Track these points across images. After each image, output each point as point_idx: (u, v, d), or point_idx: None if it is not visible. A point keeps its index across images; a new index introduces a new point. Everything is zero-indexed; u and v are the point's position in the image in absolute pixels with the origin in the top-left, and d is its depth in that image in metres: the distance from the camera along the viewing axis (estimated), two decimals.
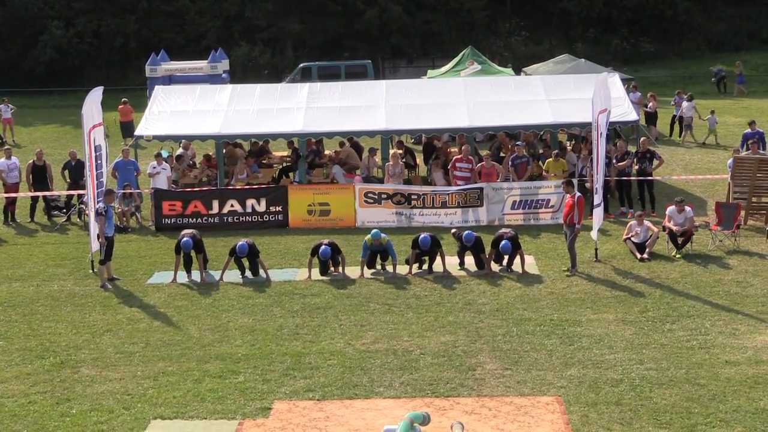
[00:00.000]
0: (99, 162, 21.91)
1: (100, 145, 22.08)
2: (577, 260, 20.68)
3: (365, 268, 20.79)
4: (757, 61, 52.09)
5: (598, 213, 21.65)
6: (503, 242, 20.28)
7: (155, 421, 13.69)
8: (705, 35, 64.66)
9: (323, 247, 20.35)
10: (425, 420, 11.79)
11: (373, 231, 20.59)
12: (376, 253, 20.92)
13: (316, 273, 20.49)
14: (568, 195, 21.07)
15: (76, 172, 26.60)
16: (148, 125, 27.40)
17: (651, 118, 36.22)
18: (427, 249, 20.57)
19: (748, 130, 27.94)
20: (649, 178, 25.63)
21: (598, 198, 21.61)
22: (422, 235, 20.56)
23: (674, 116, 37.37)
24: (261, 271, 20.70)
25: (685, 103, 37.52)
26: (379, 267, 21.13)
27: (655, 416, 13.46)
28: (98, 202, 21.14)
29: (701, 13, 65.41)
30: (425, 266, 20.97)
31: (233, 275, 20.64)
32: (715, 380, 14.61)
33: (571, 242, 20.65)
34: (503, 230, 21.11)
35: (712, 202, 24.67)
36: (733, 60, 52.35)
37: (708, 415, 13.41)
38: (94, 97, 22.06)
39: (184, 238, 20.40)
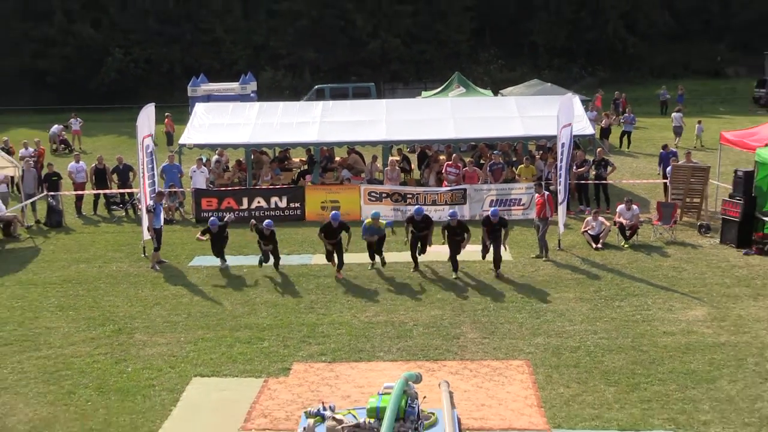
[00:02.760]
0: (150, 165, 21.97)
1: (152, 152, 22.14)
2: (548, 249, 20.87)
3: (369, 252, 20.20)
4: (689, 87, 52.29)
5: (562, 210, 21.77)
6: (492, 210, 20.14)
7: (196, 378, 13.88)
8: (649, 65, 64.95)
9: (333, 212, 20.13)
10: (418, 379, 11.86)
11: (373, 212, 20.40)
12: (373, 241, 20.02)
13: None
14: (538, 195, 21.19)
15: (122, 174, 26.80)
16: (190, 136, 27.43)
17: (605, 132, 36.27)
18: (420, 217, 19.59)
19: (663, 152, 27.80)
20: (604, 181, 25.78)
21: (562, 197, 21.72)
22: (417, 206, 20.58)
23: (623, 131, 37.46)
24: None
25: (674, 114, 38.37)
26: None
27: (606, 376, 13.65)
28: (149, 199, 21.26)
29: (646, 47, 65.78)
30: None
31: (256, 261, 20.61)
32: (654, 347, 14.84)
33: (543, 233, 20.75)
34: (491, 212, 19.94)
35: (654, 202, 24.74)
36: (671, 85, 52.59)
37: (649, 376, 13.65)
38: (148, 112, 22.08)
39: (211, 218, 20.79)
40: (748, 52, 65.34)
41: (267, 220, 20.01)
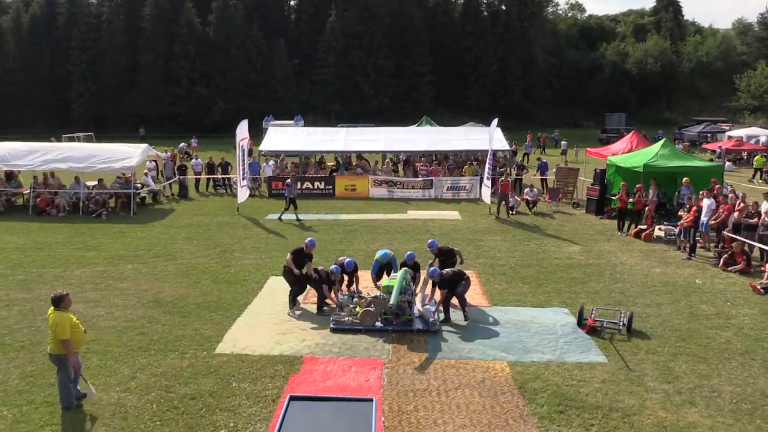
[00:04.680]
0: (243, 159, 21.57)
1: (245, 150, 21.73)
2: (499, 212, 20.48)
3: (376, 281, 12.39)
4: (563, 132, 52.37)
5: (486, 192, 21.47)
6: (429, 241, 12.75)
7: (272, 277, 13.51)
8: (537, 120, 64.62)
9: (348, 260, 12.16)
10: (410, 273, 11.62)
11: (383, 252, 12.54)
12: (383, 267, 12.48)
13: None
14: (503, 179, 21.04)
15: (224, 167, 26.51)
16: (264, 146, 26.96)
17: (514, 153, 35.92)
18: (411, 262, 11.87)
19: (539, 162, 27.31)
20: (520, 177, 25.51)
21: (487, 183, 21.41)
22: (409, 253, 12.24)
23: (524, 153, 37.23)
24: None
25: (563, 142, 39.80)
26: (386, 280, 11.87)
27: (522, 280, 13.41)
28: (244, 180, 20.81)
29: (536, 109, 65.97)
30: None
31: (309, 217, 20.18)
32: (551, 266, 14.60)
33: (507, 201, 20.50)
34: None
35: (546, 188, 24.53)
36: (550, 131, 52.72)
37: (548, 280, 13.44)
38: (243, 125, 21.67)
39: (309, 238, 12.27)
40: (595, 114, 65.87)
41: (309, 238, 12.04)
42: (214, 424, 7.45)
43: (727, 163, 34.45)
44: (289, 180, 21.09)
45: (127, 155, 21.55)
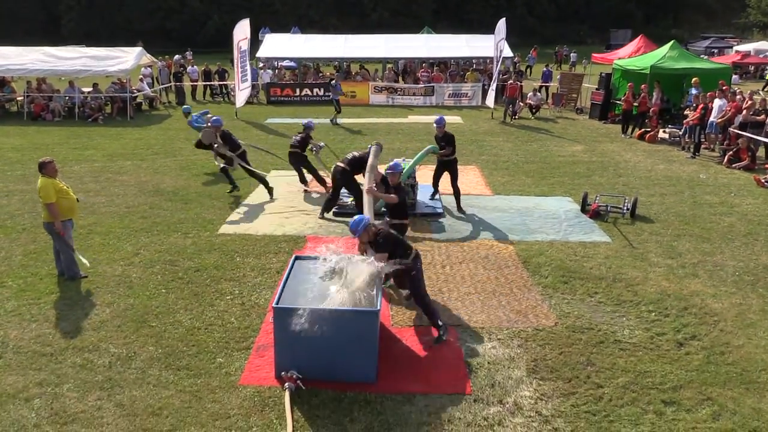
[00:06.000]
0: (243, 60, 20.82)
1: (245, 51, 20.96)
2: (506, 115, 20.12)
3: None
4: (573, 48, 50.88)
5: (491, 96, 20.90)
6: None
7: (272, 171, 13.21)
8: (540, 36, 62.43)
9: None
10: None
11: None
12: None
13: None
14: (511, 82, 20.59)
15: (221, 74, 25.66)
16: (261, 53, 26.08)
17: (515, 65, 34.91)
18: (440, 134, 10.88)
19: (544, 70, 26.63)
20: (520, 84, 24.73)
21: (492, 89, 20.79)
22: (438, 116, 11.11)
23: (528, 66, 36.16)
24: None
25: (572, 54, 39.80)
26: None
27: (526, 174, 13.19)
28: (244, 82, 20.13)
29: (539, 25, 63.69)
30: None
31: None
32: (554, 162, 14.35)
33: (516, 105, 20.28)
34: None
35: (551, 94, 23.89)
36: (557, 45, 51.13)
37: (552, 174, 13.21)
38: (243, 24, 20.77)
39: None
40: (600, 30, 63.55)
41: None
42: (219, 291, 7.42)
43: (734, 77, 33.56)
44: (333, 81, 20.43)
45: (121, 58, 20.82)
